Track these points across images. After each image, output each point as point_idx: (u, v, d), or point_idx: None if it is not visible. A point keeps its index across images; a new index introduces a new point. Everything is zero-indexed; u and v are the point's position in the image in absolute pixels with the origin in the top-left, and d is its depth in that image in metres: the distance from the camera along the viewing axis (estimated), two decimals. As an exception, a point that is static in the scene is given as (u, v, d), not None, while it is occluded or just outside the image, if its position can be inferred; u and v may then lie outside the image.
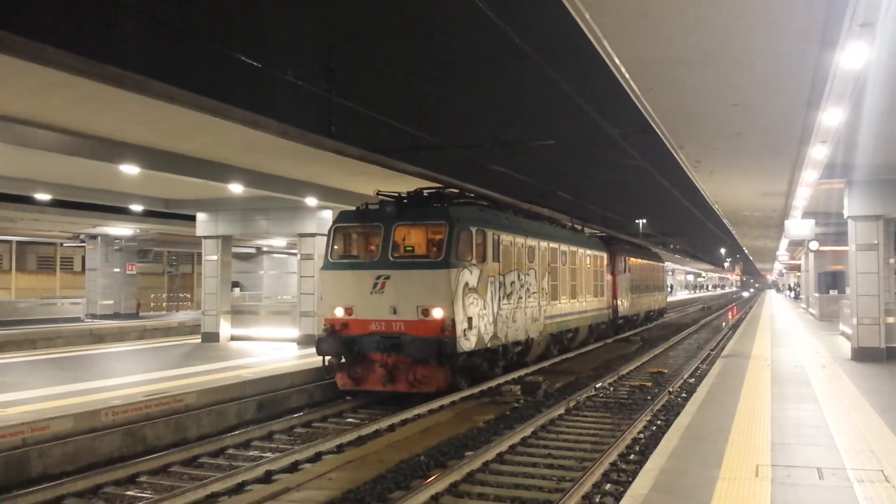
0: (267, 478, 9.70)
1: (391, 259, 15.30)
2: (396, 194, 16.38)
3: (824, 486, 7.40)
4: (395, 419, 13.22)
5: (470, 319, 15.31)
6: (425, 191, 17.03)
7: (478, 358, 16.03)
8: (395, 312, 15.01)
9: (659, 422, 13.24)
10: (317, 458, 10.82)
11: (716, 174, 20.93)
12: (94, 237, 38.43)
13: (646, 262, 39.55)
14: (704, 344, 29.80)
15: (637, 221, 79.70)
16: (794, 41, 9.62)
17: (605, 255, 28.81)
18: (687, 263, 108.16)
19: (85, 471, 10.16)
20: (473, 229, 15.82)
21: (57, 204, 28.05)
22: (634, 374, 19.99)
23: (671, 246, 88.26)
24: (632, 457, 10.82)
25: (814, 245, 31.53)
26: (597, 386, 17.15)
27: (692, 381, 18.43)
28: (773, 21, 9.04)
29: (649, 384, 17.90)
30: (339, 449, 11.33)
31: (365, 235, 16.21)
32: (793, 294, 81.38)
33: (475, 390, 16.13)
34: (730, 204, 30.43)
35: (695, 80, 11.42)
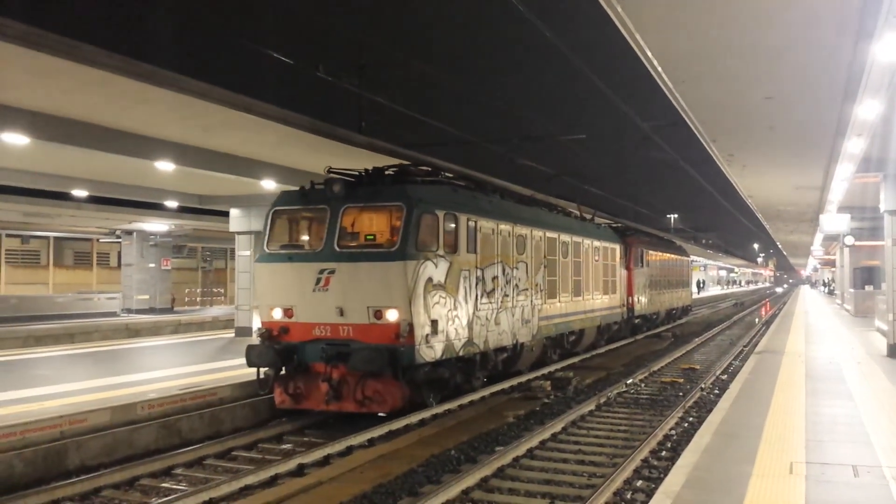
0: (299, 471, 9.78)
1: (337, 249, 12.70)
2: (350, 171, 13.81)
3: (859, 484, 7.31)
4: (426, 414, 13.24)
5: (434, 322, 12.75)
6: (391, 169, 14.28)
7: (447, 369, 13.42)
8: (342, 314, 12.51)
9: (691, 418, 13.16)
10: (348, 451, 10.90)
11: (749, 168, 20.73)
12: (129, 233, 39.01)
13: (667, 255, 35.90)
14: (737, 340, 29.50)
15: (668, 216, 79.20)
16: (830, 33, 9.50)
17: (618, 247, 25.82)
18: (719, 259, 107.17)
19: (121, 463, 10.32)
20: (440, 213, 13.08)
21: (93, 200, 28.53)
22: (666, 371, 19.86)
23: (703, 241, 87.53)
24: (663, 453, 10.75)
25: (849, 240, 31.01)
26: (628, 382, 17.06)
27: (725, 377, 18.27)
28: (809, 13, 8.94)
29: (681, 380, 17.77)
30: (371, 443, 11.38)
31: (308, 221, 13.69)
32: (827, 290, 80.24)
33: (497, 387, 16.08)
34: (763, 198, 30.11)
35: (728, 73, 11.32)
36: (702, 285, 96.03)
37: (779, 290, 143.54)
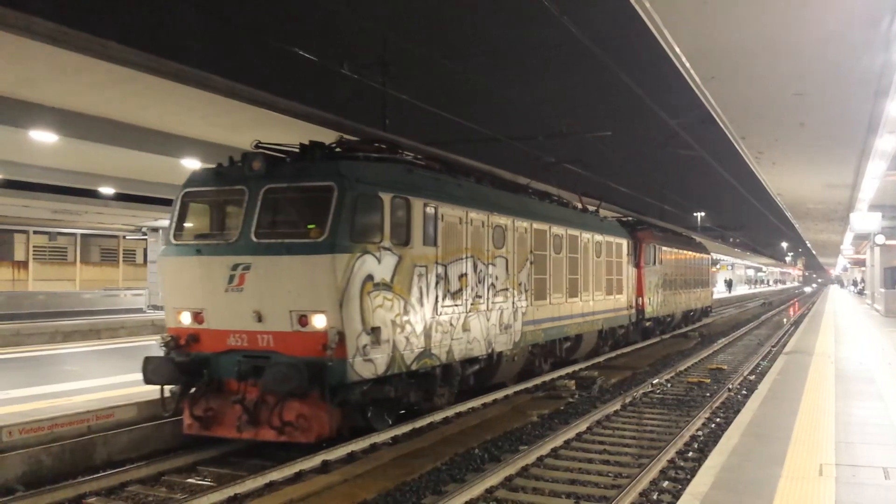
0: (324, 467, 9.78)
1: (254, 240, 10.44)
2: (280, 146, 11.49)
3: (891, 486, 7.17)
4: (449, 413, 13.20)
5: (376, 330, 10.52)
6: (333, 145, 12.05)
7: (394, 386, 11.19)
8: (260, 320, 10.31)
9: (718, 419, 13.01)
10: (372, 448, 10.89)
11: (778, 165, 20.50)
12: (155, 230, 39.37)
13: (684, 251, 33.03)
14: (765, 340, 29.19)
15: (695, 214, 78.65)
16: (862, 29, 9.36)
17: (625, 242, 23.20)
18: (747, 257, 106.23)
19: (147, 458, 10.39)
20: (386, 196, 10.86)
21: (120, 198, 28.81)
22: (692, 371, 19.68)
23: (731, 239, 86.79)
24: (690, 454, 10.64)
25: (880, 239, 30.55)
26: (653, 382, 16.92)
27: (753, 377, 18.07)
28: (840, 9, 8.79)
29: (708, 381, 17.59)
30: (395, 440, 11.38)
31: (223, 205, 11.38)
32: (856, 289, 79.25)
33: (521, 387, 15.99)
34: (793, 196, 29.79)
35: (758, 70, 11.19)
36: (729, 285, 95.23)
37: (807, 289, 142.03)
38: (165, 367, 10.57)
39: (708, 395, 15.61)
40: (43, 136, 15.22)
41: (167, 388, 10.69)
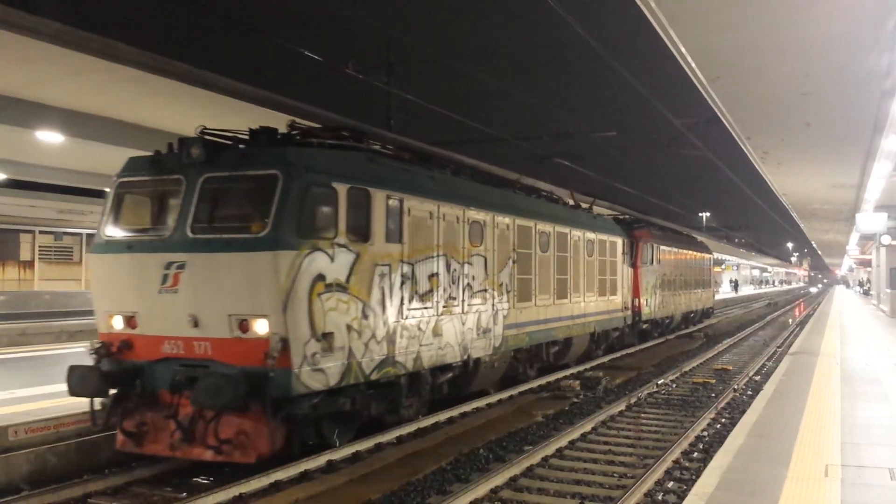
0: (329, 467, 9.79)
1: (190, 235, 9.41)
2: (226, 132, 10.29)
3: (898, 488, 7.15)
4: (454, 413, 13.19)
5: (328, 336, 9.53)
6: (294, 132, 11.00)
7: (352, 399, 10.22)
8: (196, 325, 9.26)
9: (723, 419, 12.99)
10: (377, 448, 10.90)
11: (784, 166, 20.47)
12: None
13: (684, 251, 31.83)
14: (770, 341, 29.13)
15: (700, 214, 78.53)
16: (868, 29, 9.34)
17: (620, 241, 22.09)
18: (752, 258, 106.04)
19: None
20: (342, 187, 9.85)
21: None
22: (698, 371, 19.64)
23: (736, 240, 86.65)
24: (695, 455, 10.62)
25: (886, 239, 30.51)
26: (659, 382, 16.90)
27: (758, 378, 18.04)
28: (846, 8, 8.77)
29: (713, 381, 17.57)
30: (400, 440, 11.38)
31: (159, 196, 10.22)
32: (862, 290, 79.06)
33: (525, 387, 15.97)
34: (798, 196, 29.74)
35: (764, 69, 11.17)
36: (734, 286, 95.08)
37: (813, 290, 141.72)
38: (92, 378, 9.52)
39: (713, 395, 15.58)
40: (49, 137, 15.26)
41: (99, 399, 9.70)
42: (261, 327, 9.05)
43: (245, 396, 8.75)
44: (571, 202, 20.83)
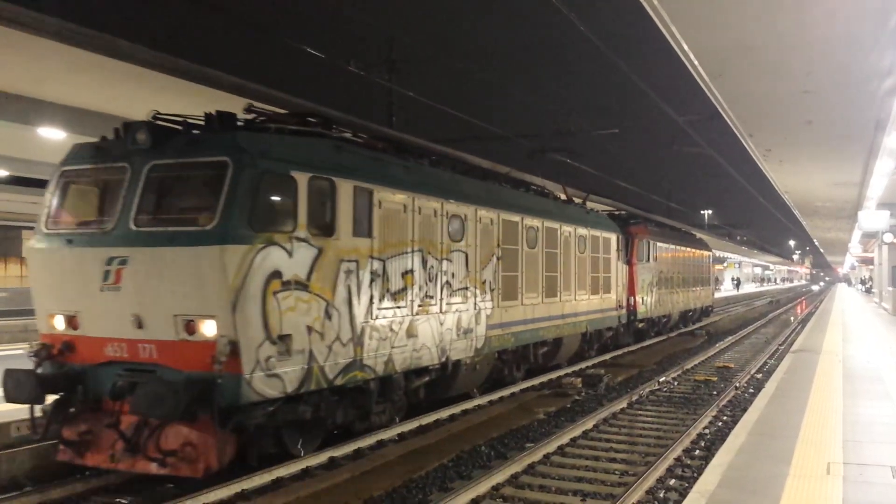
0: (331, 464, 9.80)
1: (133, 228, 8.68)
2: (179, 117, 9.50)
3: (900, 486, 7.15)
4: (455, 410, 13.18)
5: (286, 339, 8.81)
6: (260, 117, 10.30)
7: (314, 406, 9.53)
8: (140, 326, 8.57)
9: (725, 417, 13.00)
10: (378, 445, 10.91)
11: (786, 163, 20.44)
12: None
13: (682, 248, 30.91)
14: (772, 338, 29.14)
15: (703, 212, 78.49)
16: (870, 27, 9.32)
17: (614, 237, 21.26)
18: (754, 256, 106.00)
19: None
20: (302, 176, 9.13)
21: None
22: (699, 369, 19.65)
23: (738, 237, 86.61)
24: (697, 452, 10.64)
25: (888, 237, 30.47)
26: (660, 380, 16.90)
27: (760, 376, 18.05)
28: (849, 6, 8.76)
29: (715, 379, 17.58)
30: (401, 437, 11.38)
31: (103, 185, 9.38)
32: (864, 288, 79.02)
33: (527, 384, 15.96)
34: (800, 194, 29.70)
35: (766, 67, 11.15)
36: (736, 284, 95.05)
37: (815, 287, 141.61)
38: (28, 383, 8.81)
39: (715, 393, 15.59)
40: (51, 133, 15.27)
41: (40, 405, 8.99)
42: (208, 329, 8.32)
43: (190, 405, 8.04)
44: (564, 197, 20.26)
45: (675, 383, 16.99)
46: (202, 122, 9.35)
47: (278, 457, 9.42)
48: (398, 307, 10.98)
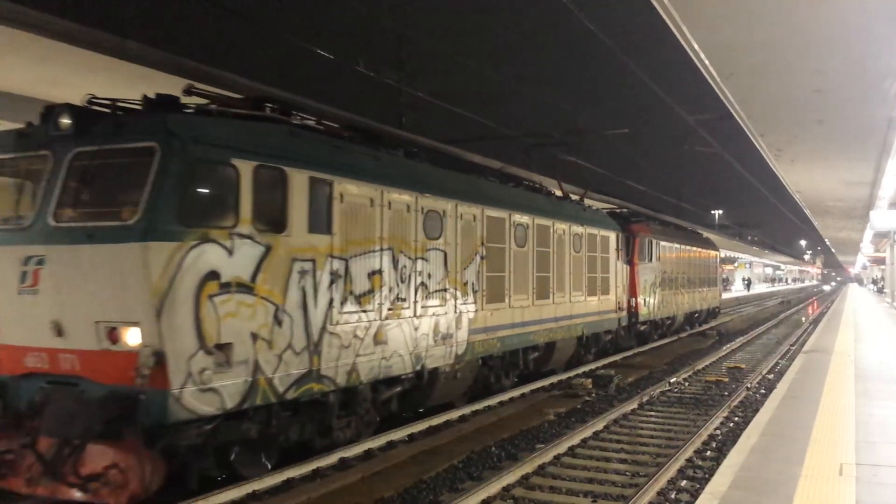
0: (341, 465, 9.80)
1: (52, 224, 7.83)
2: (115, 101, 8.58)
3: (914, 488, 7.09)
4: (466, 411, 13.14)
5: (225, 349, 7.92)
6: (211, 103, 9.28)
7: (261, 423, 8.67)
8: (60, 333, 7.73)
9: (737, 418, 12.95)
10: (389, 446, 10.91)
11: (797, 163, 20.35)
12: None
13: (688, 247, 29.89)
14: (784, 339, 29.02)
15: (713, 212, 78.26)
16: (883, 25, 9.26)
17: (613, 236, 20.27)
18: (765, 256, 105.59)
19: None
20: (245, 164, 8.23)
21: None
22: (710, 370, 19.58)
23: (749, 237, 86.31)
24: (709, 453, 10.60)
25: (900, 237, 30.31)
26: (671, 381, 16.85)
27: (771, 377, 17.97)
28: (862, 5, 8.70)
29: (726, 379, 17.51)
30: (411, 438, 11.38)
31: (25, 176, 8.46)
32: (876, 288, 78.63)
33: (537, 385, 15.91)
34: (812, 194, 29.55)
35: (778, 66, 11.09)
36: (747, 284, 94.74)
37: (826, 288, 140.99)
38: None
39: (726, 394, 15.52)
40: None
41: None
42: (132, 338, 7.46)
43: (111, 424, 7.21)
44: (559, 193, 19.06)
45: (686, 384, 16.93)
46: (138, 106, 8.47)
47: (231, 479, 8.68)
48: (364, 311, 10.05)
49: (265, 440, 8.89)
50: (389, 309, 10.57)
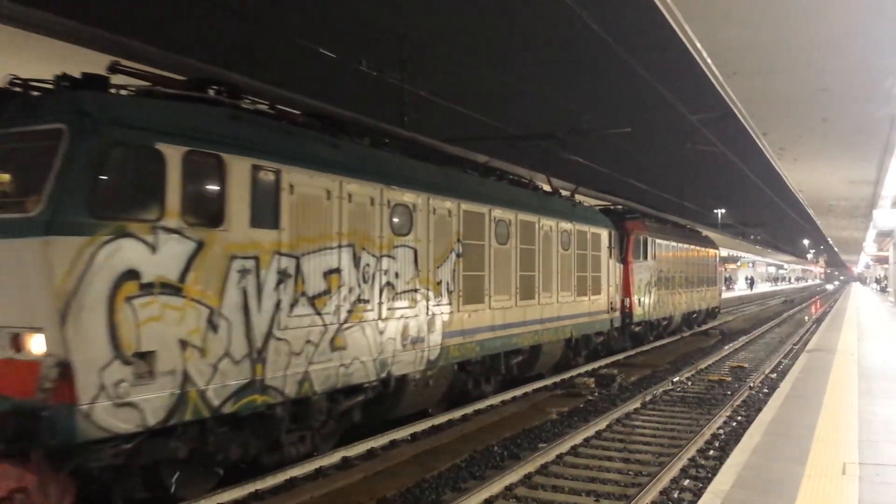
0: (344, 464, 9.80)
1: None
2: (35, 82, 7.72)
3: (917, 487, 7.08)
4: (468, 410, 13.13)
5: (147, 358, 7.10)
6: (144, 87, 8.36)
7: (193, 440, 7.81)
8: None
9: (740, 417, 12.94)
10: (391, 445, 10.91)
11: (800, 162, 20.32)
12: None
13: (685, 245, 28.88)
14: (787, 338, 29.00)
15: (715, 211, 78.21)
16: (886, 24, 9.24)
17: (605, 233, 19.33)
18: (768, 255, 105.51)
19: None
20: (173, 150, 7.37)
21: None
22: (713, 369, 19.56)
23: (751, 236, 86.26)
24: (711, 453, 10.59)
25: (904, 236, 30.25)
26: (674, 380, 16.83)
27: (774, 376, 17.96)
28: (865, 3, 8.69)
29: (729, 379, 17.49)
30: (414, 437, 11.38)
31: None
32: (879, 287, 78.55)
33: (540, 384, 15.91)
34: (815, 193, 29.52)
35: (781, 65, 11.08)
36: (750, 283, 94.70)
37: (829, 287, 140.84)
38: None
39: (729, 393, 15.51)
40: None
41: None
42: (36, 345, 6.69)
43: (13, 443, 6.52)
44: (548, 188, 18.28)
45: (689, 383, 16.92)
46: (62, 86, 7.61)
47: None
48: (319, 314, 9.15)
49: (203, 458, 8.07)
50: (349, 311, 9.69)
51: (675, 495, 8.70)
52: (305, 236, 8.96)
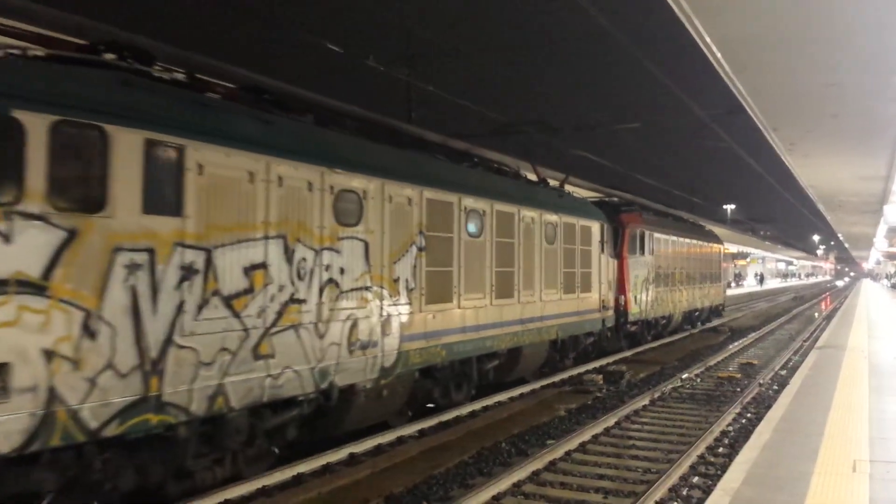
0: (351, 460, 9.80)
1: None
2: None
3: (929, 485, 7.03)
4: (476, 406, 13.12)
5: None
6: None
7: (62, 470, 6.55)
8: None
9: (749, 414, 12.87)
10: (399, 442, 10.91)
11: (810, 157, 20.22)
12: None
13: (687, 240, 27.29)
14: (797, 335, 28.88)
15: (725, 207, 77.98)
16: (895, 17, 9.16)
17: (596, 226, 17.97)
18: (777, 251, 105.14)
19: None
20: (34, 118, 6.19)
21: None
22: (722, 365, 19.49)
23: (761, 232, 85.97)
24: (721, 450, 10.55)
25: (915, 232, 30.08)
26: (683, 377, 16.77)
27: (784, 372, 17.87)
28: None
29: (738, 375, 17.41)
30: (422, 433, 11.37)
31: None
32: (890, 283, 78.20)
33: (548, 381, 15.89)
34: (825, 188, 29.38)
35: (791, 60, 11.01)
36: (759, 279, 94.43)
37: (839, 283, 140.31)
38: None
39: (738, 390, 15.45)
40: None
41: None
42: None
43: None
44: (533, 177, 17.05)
45: (698, 380, 16.86)
46: None
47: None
48: (237, 317, 7.85)
49: (86, 488, 6.78)
50: (279, 313, 8.38)
51: (685, 492, 8.66)
52: (219, 225, 7.66)
